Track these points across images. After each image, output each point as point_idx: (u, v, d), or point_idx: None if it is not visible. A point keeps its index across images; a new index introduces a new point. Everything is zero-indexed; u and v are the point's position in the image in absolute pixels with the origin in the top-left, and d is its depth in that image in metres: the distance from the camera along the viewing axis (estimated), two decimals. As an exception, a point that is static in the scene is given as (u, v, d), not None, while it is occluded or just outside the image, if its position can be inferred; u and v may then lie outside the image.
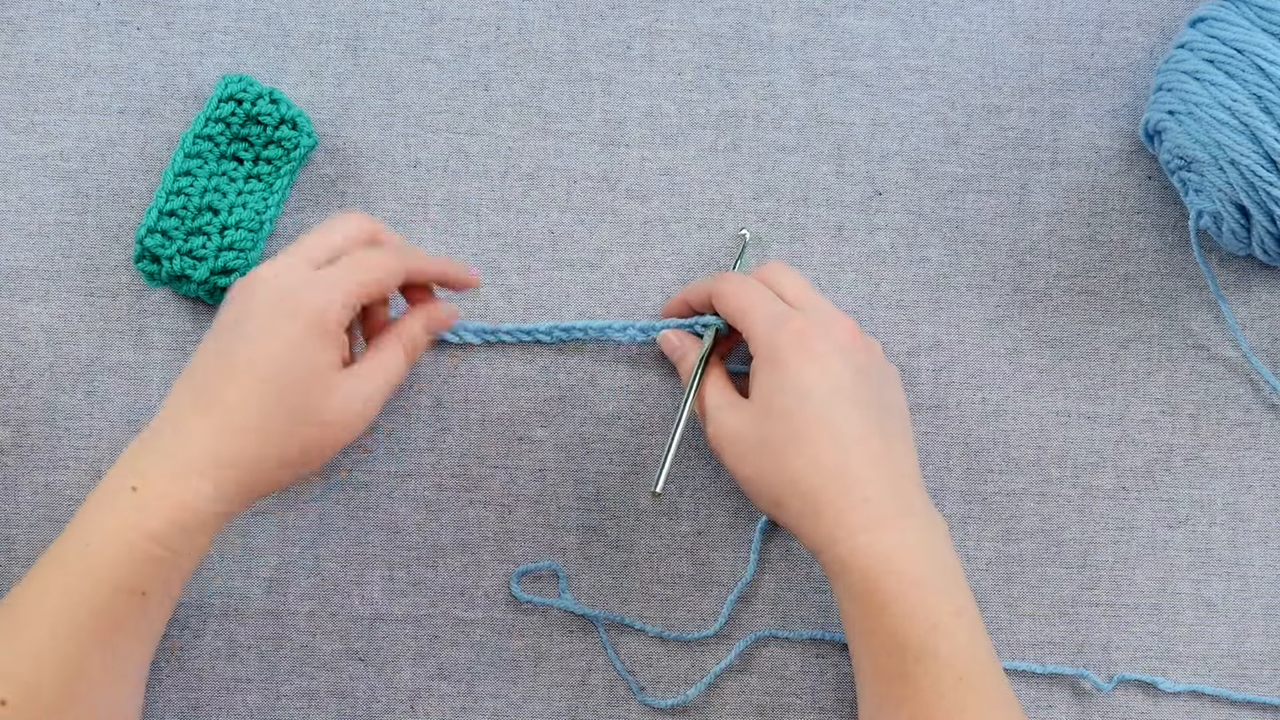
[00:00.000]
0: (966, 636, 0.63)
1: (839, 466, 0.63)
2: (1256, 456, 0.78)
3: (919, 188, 0.78)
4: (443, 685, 0.75)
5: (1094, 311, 0.78)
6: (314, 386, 0.61)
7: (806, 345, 0.65)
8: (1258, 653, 0.77)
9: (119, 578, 0.60)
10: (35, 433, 0.74)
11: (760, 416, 0.65)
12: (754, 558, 0.75)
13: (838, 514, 0.63)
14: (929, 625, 0.62)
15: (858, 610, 0.64)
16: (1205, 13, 0.73)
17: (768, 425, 0.65)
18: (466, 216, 0.76)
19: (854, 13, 0.78)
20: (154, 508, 0.60)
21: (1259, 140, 0.69)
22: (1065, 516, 0.77)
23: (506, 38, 0.77)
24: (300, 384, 0.61)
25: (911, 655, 0.62)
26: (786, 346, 0.65)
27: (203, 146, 0.74)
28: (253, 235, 0.74)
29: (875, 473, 0.64)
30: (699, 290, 0.72)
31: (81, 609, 0.59)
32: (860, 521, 0.63)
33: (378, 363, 0.64)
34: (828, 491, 0.63)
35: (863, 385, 0.65)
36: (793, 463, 0.64)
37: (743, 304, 0.68)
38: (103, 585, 0.59)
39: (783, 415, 0.64)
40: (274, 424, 0.61)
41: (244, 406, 0.61)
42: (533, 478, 0.76)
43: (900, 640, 0.62)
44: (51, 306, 0.75)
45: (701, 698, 0.75)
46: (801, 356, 0.64)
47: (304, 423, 0.62)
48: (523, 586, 0.75)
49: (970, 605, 0.64)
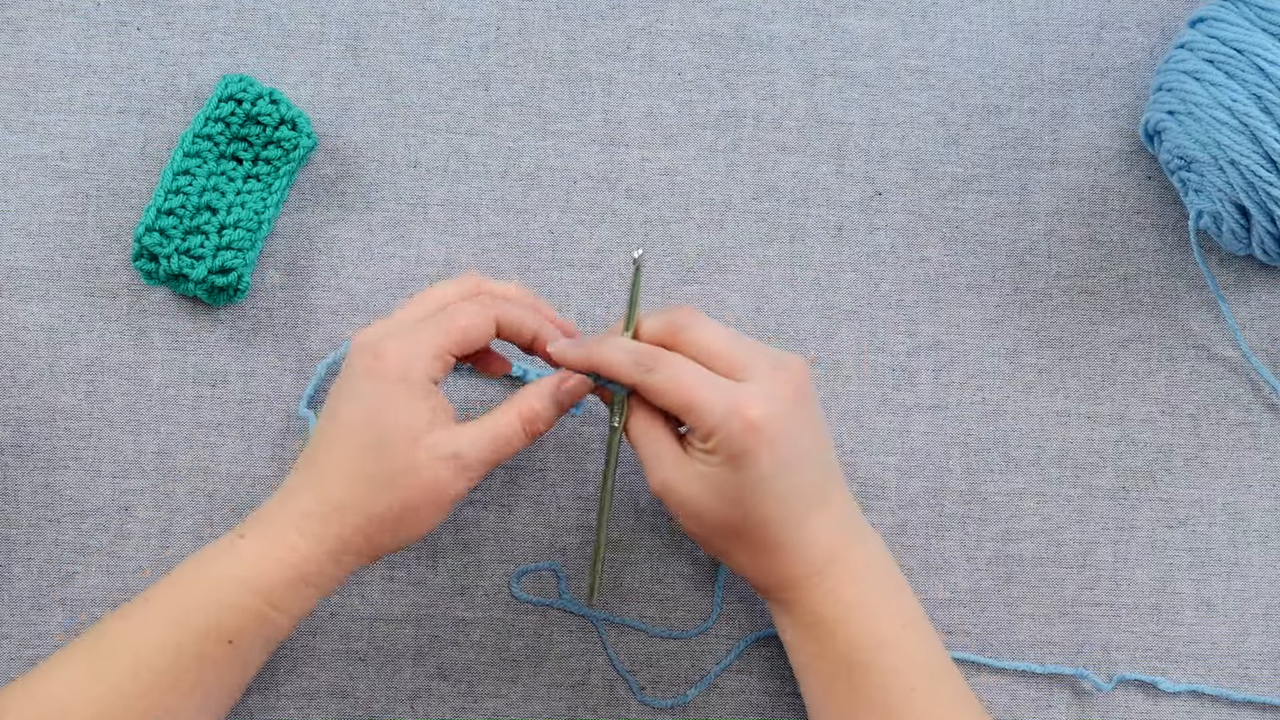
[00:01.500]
0: (916, 646, 0.64)
1: (790, 534, 0.63)
2: (1256, 456, 0.78)
3: (919, 188, 0.78)
4: (443, 685, 0.75)
5: (1094, 311, 0.78)
6: (400, 439, 0.60)
7: (762, 436, 0.60)
8: (1258, 653, 0.77)
9: (208, 625, 0.60)
10: (35, 433, 0.74)
11: (711, 493, 0.62)
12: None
13: (788, 565, 0.63)
14: (875, 643, 0.63)
15: (805, 639, 0.65)
16: (1205, 13, 0.73)
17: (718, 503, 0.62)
18: (466, 216, 0.76)
19: (854, 13, 0.78)
20: (249, 559, 0.61)
21: (1259, 140, 0.69)
22: (1065, 516, 0.77)
23: (506, 38, 0.77)
24: (386, 436, 0.61)
25: (859, 672, 0.63)
26: (744, 443, 0.60)
27: (202, 146, 0.74)
28: (251, 235, 0.74)
29: (823, 521, 0.64)
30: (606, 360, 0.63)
31: (168, 652, 0.60)
32: (808, 569, 0.64)
33: (483, 422, 0.62)
34: (779, 552, 0.63)
35: (807, 430, 0.63)
36: (747, 535, 0.63)
37: (687, 399, 0.61)
38: (192, 630, 0.60)
39: (735, 502, 0.62)
40: (361, 478, 0.61)
41: (334, 463, 0.61)
42: (533, 478, 0.76)
43: (849, 661, 0.63)
44: (51, 306, 0.75)
45: (701, 698, 0.75)
46: (759, 448, 0.60)
47: (390, 475, 0.61)
48: (523, 586, 0.75)
49: (917, 614, 0.65)
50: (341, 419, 0.62)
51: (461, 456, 0.61)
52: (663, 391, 0.62)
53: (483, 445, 0.61)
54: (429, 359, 0.62)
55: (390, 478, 0.60)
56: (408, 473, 0.60)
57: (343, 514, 0.61)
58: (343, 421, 0.62)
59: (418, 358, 0.61)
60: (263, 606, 0.61)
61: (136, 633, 0.61)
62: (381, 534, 0.62)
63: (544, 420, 0.63)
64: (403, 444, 0.60)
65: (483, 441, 0.61)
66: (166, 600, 0.61)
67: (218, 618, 0.61)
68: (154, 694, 0.60)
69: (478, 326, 0.63)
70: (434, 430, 0.61)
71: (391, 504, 0.61)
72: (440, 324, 0.62)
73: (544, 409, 0.63)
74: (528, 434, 0.63)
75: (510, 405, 0.63)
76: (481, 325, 0.63)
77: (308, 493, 0.62)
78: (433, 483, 0.61)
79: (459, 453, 0.61)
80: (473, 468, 0.61)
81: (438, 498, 0.61)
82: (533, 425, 0.63)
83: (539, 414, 0.63)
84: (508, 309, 0.64)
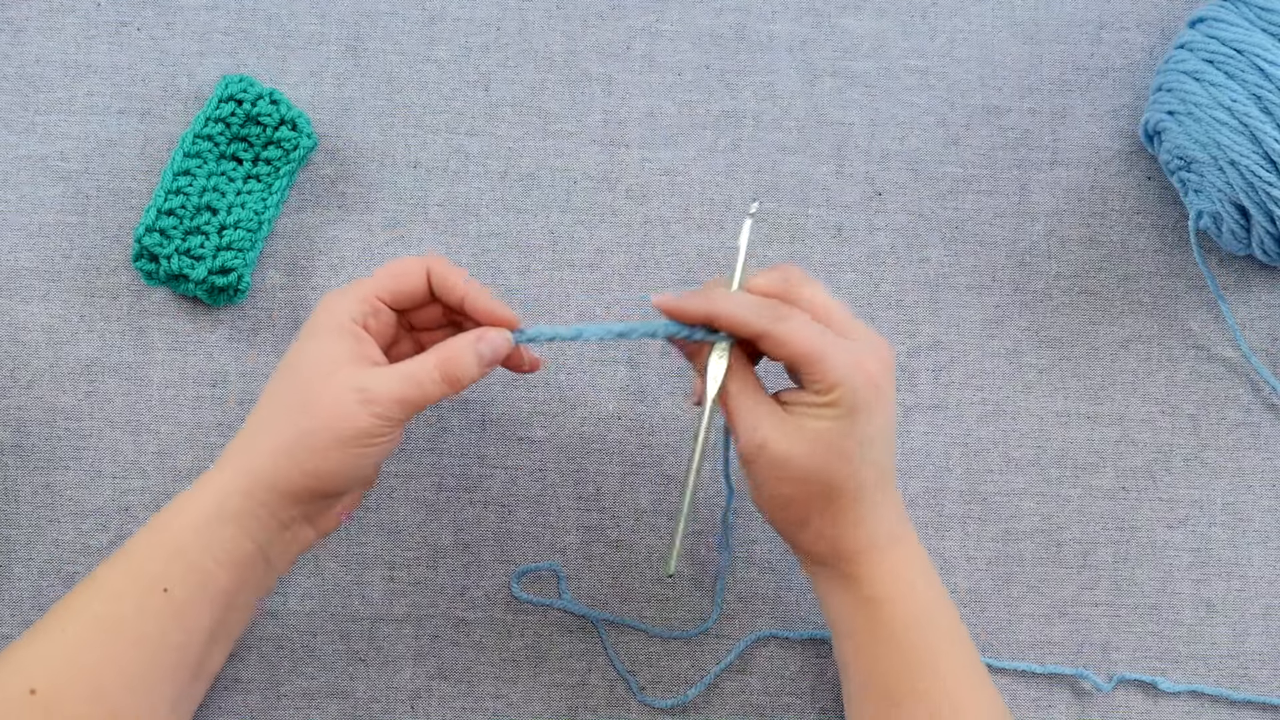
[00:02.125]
0: (967, 639, 0.66)
1: (874, 502, 0.64)
2: (1256, 456, 0.78)
3: (919, 188, 0.78)
4: (443, 685, 0.75)
5: (1094, 311, 0.78)
6: (311, 373, 0.62)
7: (881, 393, 0.62)
8: (1258, 653, 0.77)
9: (149, 573, 0.62)
10: (35, 433, 0.74)
11: (818, 449, 0.62)
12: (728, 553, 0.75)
13: (864, 534, 0.64)
14: (932, 626, 0.65)
15: (863, 615, 0.65)
16: (1205, 13, 0.73)
17: (824, 459, 0.63)
18: (466, 216, 0.76)
19: (854, 13, 0.78)
20: (182, 505, 0.63)
21: (1259, 140, 0.69)
22: (1065, 516, 0.77)
23: (506, 38, 0.77)
24: (301, 370, 0.62)
25: (913, 655, 0.64)
26: (866, 397, 0.62)
27: (202, 146, 0.74)
28: (251, 235, 0.74)
29: (893, 498, 0.65)
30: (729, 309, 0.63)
31: (114, 604, 0.61)
32: (877, 542, 0.64)
33: (399, 366, 0.63)
34: (860, 519, 0.64)
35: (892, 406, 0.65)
36: (838, 496, 0.63)
37: (818, 348, 0.61)
38: (136, 581, 0.62)
39: (843, 457, 0.63)
40: (270, 409, 0.63)
41: (259, 404, 0.63)
42: (533, 478, 0.76)
43: (904, 641, 0.64)
44: (51, 306, 0.75)
45: (701, 698, 0.75)
46: (876, 404, 0.62)
47: (297, 404, 0.62)
48: (523, 586, 0.75)
49: (960, 623, 0.67)
50: (276, 368, 0.64)
51: (368, 390, 0.61)
52: (791, 340, 0.61)
53: (391, 381, 0.62)
54: (353, 301, 0.63)
55: (296, 406, 0.62)
56: (313, 402, 0.61)
57: (254, 443, 0.63)
58: (275, 370, 0.64)
59: (341, 300, 0.64)
60: (185, 546, 0.62)
61: (90, 593, 0.62)
62: (289, 464, 0.62)
63: (461, 368, 0.63)
64: (314, 377, 0.62)
65: (392, 379, 0.62)
66: (117, 561, 0.63)
67: (145, 560, 0.62)
68: (107, 655, 0.60)
69: (406, 271, 0.64)
70: (349, 366, 0.62)
71: (295, 432, 0.62)
72: (375, 275, 0.65)
73: (460, 357, 0.63)
74: (444, 380, 0.63)
75: (432, 351, 0.64)
76: (410, 269, 0.65)
77: (239, 435, 0.64)
78: (334, 412, 0.61)
79: (366, 386, 0.61)
80: (379, 402, 0.61)
81: (338, 428, 0.61)
82: (449, 371, 0.63)
83: (455, 361, 0.63)
84: (440, 261, 0.65)
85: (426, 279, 0.65)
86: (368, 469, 0.63)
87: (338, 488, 0.63)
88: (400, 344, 0.67)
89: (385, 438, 0.62)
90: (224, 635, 0.64)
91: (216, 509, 0.62)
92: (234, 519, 0.62)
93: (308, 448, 0.62)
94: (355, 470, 0.62)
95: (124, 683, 0.60)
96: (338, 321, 0.63)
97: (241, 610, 0.64)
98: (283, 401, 0.62)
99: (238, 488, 0.62)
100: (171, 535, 0.62)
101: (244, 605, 0.64)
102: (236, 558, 0.62)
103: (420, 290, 0.65)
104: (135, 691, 0.61)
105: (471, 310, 0.64)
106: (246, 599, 0.64)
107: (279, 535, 0.64)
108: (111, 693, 0.60)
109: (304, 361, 0.63)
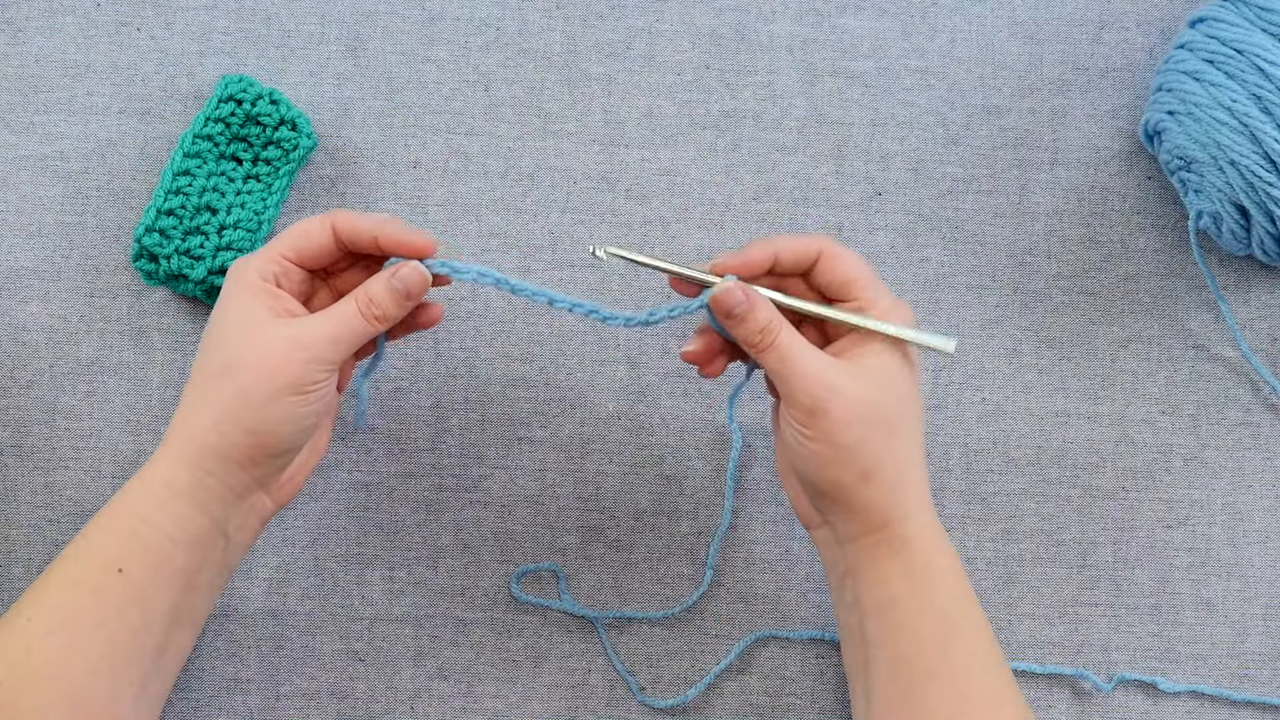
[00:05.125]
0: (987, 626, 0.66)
1: (918, 447, 0.65)
2: (1256, 456, 0.78)
3: (919, 188, 0.78)
4: (443, 685, 0.75)
5: (1094, 311, 0.78)
6: (234, 334, 0.62)
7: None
8: (1258, 653, 0.77)
9: (105, 556, 0.62)
10: (35, 433, 0.74)
11: (880, 388, 0.63)
12: (729, 504, 0.75)
13: (917, 491, 0.64)
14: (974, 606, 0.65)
15: (910, 589, 0.64)
16: (1205, 13, 0.73)
17: (886, 398, 0.63)
18: (466, 216, 0.76)
19: (854, 13, 0.78)
20: (133, 486, 0.63)
21: (1259, 140, 0.69)
22: (1065, 516, 0.77)
23: (506, 38, 0.77)
24: (224, 334, 0.62)
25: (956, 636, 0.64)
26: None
27: (202, 146, 0.74)
28: (251, 235, 0.74)
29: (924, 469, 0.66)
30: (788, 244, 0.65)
31: (73, 590, 0.62)
32: (925, 501, 0.65)
33: (323, 313, 0.64)
34: (912, 468, 0.64)
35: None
36: (897, 439, 0.64)
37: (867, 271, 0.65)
38: (93, 566, 0.62)
39: (900, 397, 0.64)
40: (201, 377, 0.63)
41: (191, 378, 0.63)
42: (533, 478, 0.76)
43: (949, 620, 0.64)
44: (51, 306, 0.75)
45: (701, 698, 0.75)
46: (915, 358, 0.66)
47: (225, 364, 0.62)
48: (522, 587, 0.75)
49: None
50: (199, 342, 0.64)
51: (294, 337, 0.62)
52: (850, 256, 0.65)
53: (317, 324, 0.63)
54: (261, 261, 0.64)
55: (227, 368, 0.62)
56: (242, 359, 0.62)
57: (193, 415, 0.63)
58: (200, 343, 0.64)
59: (248, 263, 0.64)
60: (135, 523, 0.62)
61: (50, 580, 0.63)
62: (231, 427, 0.62)
63: (379, 305, 0.64)
64: (238, 336, 0.62)
65: (317, 322, 0.63)
66: (73, 547, 0.63)
67: (101, 544, 0.62)
68: (67, 640, 0.61)
69: (308, 231, 0.64)
70: (269, 320, 0.62)
71: (229, 393, 0.62)
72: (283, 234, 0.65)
73: (378, 294, 0.64)
74: (366, 317, 0.63)
75: (349, 298, 0.64)
76: (312, 229, 0.64)
77: (178, 409, 0.64)
78: (265, 363, 0.61)
79: (291, 334, 0.62)
80: (310, 346, 0.62)
81: (272, 379, 0.61)
82: (368, 310, 0.63)
83: (374, 299, 0.64)
84: (345, 216, 0.65)
85: (332, 235, 0.65)
86: (308, 420, 0.63)
87: (283, 444, 0.63)
88: (318, 296, 0.67)
89: (321, 383, 0.62)
90: (187, 617, 0.64)
91: (166, 485, 0.62)
92: (185, 493, 0.62)
93: (245, 405, 0.62)
94: (297, 421, 0.62)
95: (85, 666, 0.60)
96: (248, 281, 0.63)
97: (204, 591, 0.64)
98: (213, 367, 0.62)
99: (185, 461, 0.62)
100: (125, 516, 0.62)
101: (206, 585, 0.64)
102: (193, 535, 0.62)
103: (327, 247, 0.65)
104: (98, 674, 0.61)
105: (385, 246, 0.64)
106: (208, 579, 0.64)
107: (235, 507, 0.64)
108: (73, 677, 0.60)
109: (226, 323, 0.63)
